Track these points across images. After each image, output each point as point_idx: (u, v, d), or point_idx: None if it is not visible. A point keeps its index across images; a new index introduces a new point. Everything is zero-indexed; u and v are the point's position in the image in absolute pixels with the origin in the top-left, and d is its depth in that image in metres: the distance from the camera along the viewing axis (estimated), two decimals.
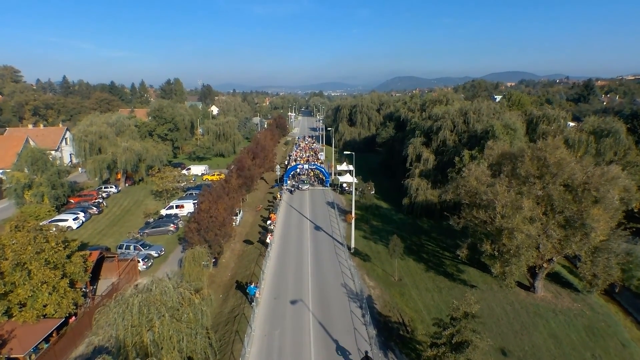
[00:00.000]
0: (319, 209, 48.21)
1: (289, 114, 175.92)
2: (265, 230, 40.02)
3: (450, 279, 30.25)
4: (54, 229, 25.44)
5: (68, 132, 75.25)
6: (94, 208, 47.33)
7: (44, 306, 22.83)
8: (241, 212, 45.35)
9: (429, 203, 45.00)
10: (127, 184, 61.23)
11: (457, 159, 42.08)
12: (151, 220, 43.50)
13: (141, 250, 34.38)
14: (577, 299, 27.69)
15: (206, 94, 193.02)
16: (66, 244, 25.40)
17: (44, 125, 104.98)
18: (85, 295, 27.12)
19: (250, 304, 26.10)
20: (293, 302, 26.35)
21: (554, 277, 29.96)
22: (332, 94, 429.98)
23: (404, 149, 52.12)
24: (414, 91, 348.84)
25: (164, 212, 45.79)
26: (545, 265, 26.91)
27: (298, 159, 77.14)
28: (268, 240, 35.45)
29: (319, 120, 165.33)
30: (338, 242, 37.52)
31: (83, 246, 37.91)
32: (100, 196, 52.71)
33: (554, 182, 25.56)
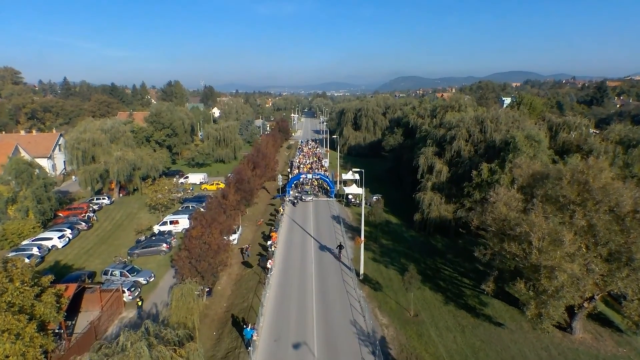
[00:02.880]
0: (323, 224, 44.83)
1: (292, 115, 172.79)
2: (266, 251, 36.74)
3: (473, 314, 26.80)
4: (21, 264, 22.06)
5: (62, 138, 72.28)
6: (83, 223, 44.15)
7: (6, 357, 19.59)
8: (240, 228, 42.09)
9: (443, 219, 41.60)
10: (121, 194, 58.15)
11: (474, 172, 38.63)
12: (143, 238, 40.29)
13: (128, 277, 31.12)
14: (621, 341, 24.20)
15: (208, 96, 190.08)
16: (36, 279, 22.20)
17: (40, 130, 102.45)
18: (59, 336, 23.89)
19: (247, 348, 22.80)
20: (295, 346, 23.02)
21: (592, 313, 26.40)
22: (335, 94, 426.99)
23: (415, 159, 48.64)
24: (418, 91, 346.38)
25: (156, 228, 42.56)
26: (585, 304, 23.44)
27: (301, 166, 73.89)
28: (269, 265, 32.13)
29: (322, 122, 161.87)
30: (345, 265, 34.16)
31: (67, 269, 34.97)
32: (91, 209, 49.58)
33: (598, 209, 22.10)
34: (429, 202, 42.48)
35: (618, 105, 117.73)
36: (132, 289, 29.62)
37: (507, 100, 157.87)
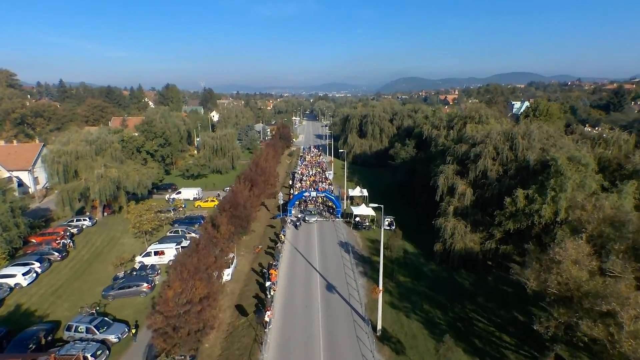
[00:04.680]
0: (330, 255, 39.25)
1: (293, 118, 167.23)
2: (265, 293, 31.29)
3: None
4: None
5: (45, 149, 66.88)
6: (56, 253, 38.64)
7: None
8: (235, 260, 36.62)
9: (469, 251, 36.14)
10: (105, 213, 52.70)
11: (508, 200, 33.08)
12: (121, 274, 34.82)
13: (95, 334, 25.60)
14: None
15: (207, 98, 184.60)
16: None
17: (28, 136, 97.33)
18: None
19: None
20: None
21: None
22: (337, 95, 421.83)
23: (433, 177, 42.98)
24: (420, 92, 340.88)
25: (139, 260, 37.06)
26: None
27: (304, 177, 68.45)
28: (267, 319, 26.60)
29: (324, 126, 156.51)
30: (357, 313, 28.63)
31: (26, 317, 29.48)
32: (68, 233, 44.10)
33: None
34: (452, 231, 36.92)
35: (636, 111, 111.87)
36: (99, 353, 24.00)
37: (517, 104, 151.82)
